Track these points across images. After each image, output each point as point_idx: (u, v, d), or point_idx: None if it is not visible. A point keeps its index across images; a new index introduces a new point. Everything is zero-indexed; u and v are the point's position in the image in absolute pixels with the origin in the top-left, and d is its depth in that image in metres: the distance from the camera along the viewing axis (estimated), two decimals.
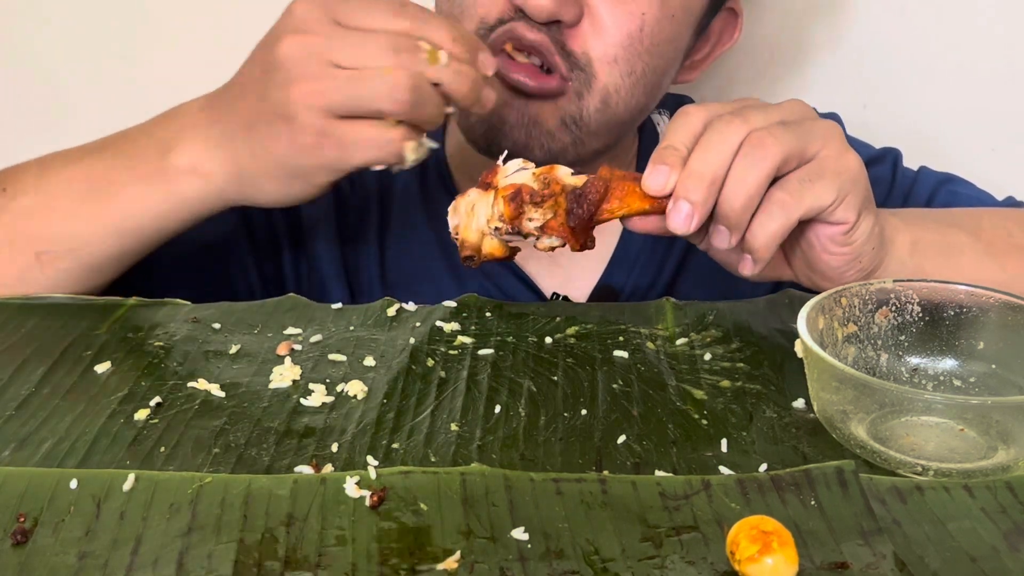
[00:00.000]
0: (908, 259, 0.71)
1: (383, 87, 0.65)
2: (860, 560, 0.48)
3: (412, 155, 0.67)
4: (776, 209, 0.63)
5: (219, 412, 0.62)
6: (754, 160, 0.62)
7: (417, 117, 0.66)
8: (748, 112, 0.64)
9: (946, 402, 0.58)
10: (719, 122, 0.64)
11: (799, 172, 0.64)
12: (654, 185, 0.62)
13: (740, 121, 0.63)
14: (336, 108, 0.65)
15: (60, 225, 0.74)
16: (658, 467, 0.57)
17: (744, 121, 0.63)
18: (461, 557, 0.48)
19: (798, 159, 0.64)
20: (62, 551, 0.49)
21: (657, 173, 0.62)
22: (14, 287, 0.75)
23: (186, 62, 1.21)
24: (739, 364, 0.68)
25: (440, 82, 0.66)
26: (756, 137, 0.63)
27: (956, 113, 1.14)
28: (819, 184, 0.64)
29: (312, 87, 0.65)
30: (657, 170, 0.63)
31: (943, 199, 0.92)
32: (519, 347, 0.70)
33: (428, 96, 0.66)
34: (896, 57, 1.14)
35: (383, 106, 0.65)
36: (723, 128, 0.63)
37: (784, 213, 0.64)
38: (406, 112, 0.65)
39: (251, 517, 0.51)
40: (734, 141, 0.63)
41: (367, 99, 0.65)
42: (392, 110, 0.65)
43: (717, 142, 0.63)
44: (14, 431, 0.60)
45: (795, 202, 0.64)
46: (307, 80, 0.66)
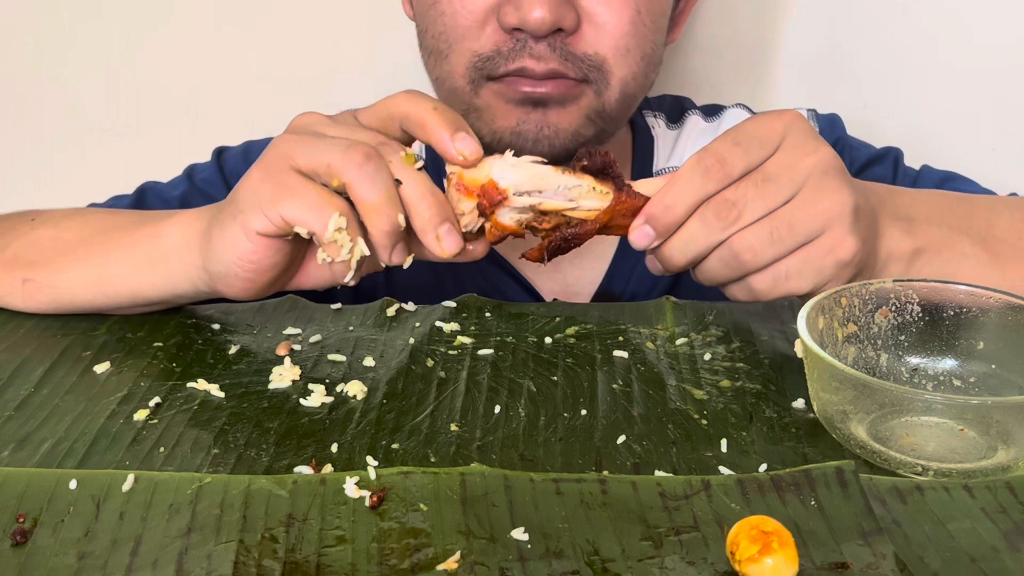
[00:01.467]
0: (903, 271, 0.70)
1: (341, 143, 0.62)
2: (860, 560, 0.48)
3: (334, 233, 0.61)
4: (746, 290, 0.66)
5: (219, 412, 0.62)
6: (726, 264, 0.65)
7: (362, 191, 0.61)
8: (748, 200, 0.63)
9: (946, 402, 0.58)
10: (712, 210, 0.63)
11: (778, 266, 0.64)
12: (638, 245, 0.65)
13: (734, 217, 0.63)
14: (294, 157, 0.63)
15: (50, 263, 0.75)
16: (658, 467, 0.57)
17: (736, 218, 0.63)
18: (461, 557, 0.48)
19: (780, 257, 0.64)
20: (62, 551, 0.49)
21: (643, 236, 0.65)
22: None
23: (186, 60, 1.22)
24: (739, 364, 0.68)
25: (401, 181, 0.62)
26: (737, 244, 0.64)
27: (956, 113, 1.14)
28: (795, 280, 0.65)
29: (289, 137, 0.65)
30: (643, 232, 0.64)
31: None
32: (519, 347, 0.70)
33: (382, 176, 0.61)
34: (896, 57, 1.14)
35: (333, 158, 0.61)
36: (712, 222, 0.64)
37: (751, 295, 0.66)
38: (352, 171, 0.61)
39: (251, 517, 0.51)
40: (717, 238, 0.64)
41: (325, 149, 0.62)
42: (339, 164, 0.61)
43: (701, 236, 0.64)
44: (14, 431, 0.60)
45: (766, 291, 0.66)
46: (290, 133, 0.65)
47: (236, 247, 0.65)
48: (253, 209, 0.63)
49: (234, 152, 0.98)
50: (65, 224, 0.78)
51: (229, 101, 1.22)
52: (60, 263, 0.74)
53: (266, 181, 0.63)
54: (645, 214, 0.64)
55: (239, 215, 0.64)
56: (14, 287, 0.75)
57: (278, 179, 0.63)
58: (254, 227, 0.64)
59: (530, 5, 0.76)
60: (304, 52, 1.20)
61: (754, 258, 0.64)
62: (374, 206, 0.61)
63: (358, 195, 0.61)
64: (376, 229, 0.62)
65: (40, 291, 0.74)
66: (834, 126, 0.97)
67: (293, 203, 0.62)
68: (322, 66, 1.20)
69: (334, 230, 0.61)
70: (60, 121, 1.24)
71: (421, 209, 0.61)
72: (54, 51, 1.22)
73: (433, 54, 0.84)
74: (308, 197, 0.62)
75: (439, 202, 0.62)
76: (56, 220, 0.78)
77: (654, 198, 0.64)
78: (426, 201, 0.61)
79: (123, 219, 0.77)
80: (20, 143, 1.26)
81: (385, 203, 0.61)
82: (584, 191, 0.63)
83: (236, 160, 0.97)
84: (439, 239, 0.62)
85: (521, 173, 0.62)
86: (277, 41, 1.20)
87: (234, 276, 0.66)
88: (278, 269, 0.67)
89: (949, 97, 1.14)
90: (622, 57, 0.80)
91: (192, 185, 0.96)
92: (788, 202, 0.64)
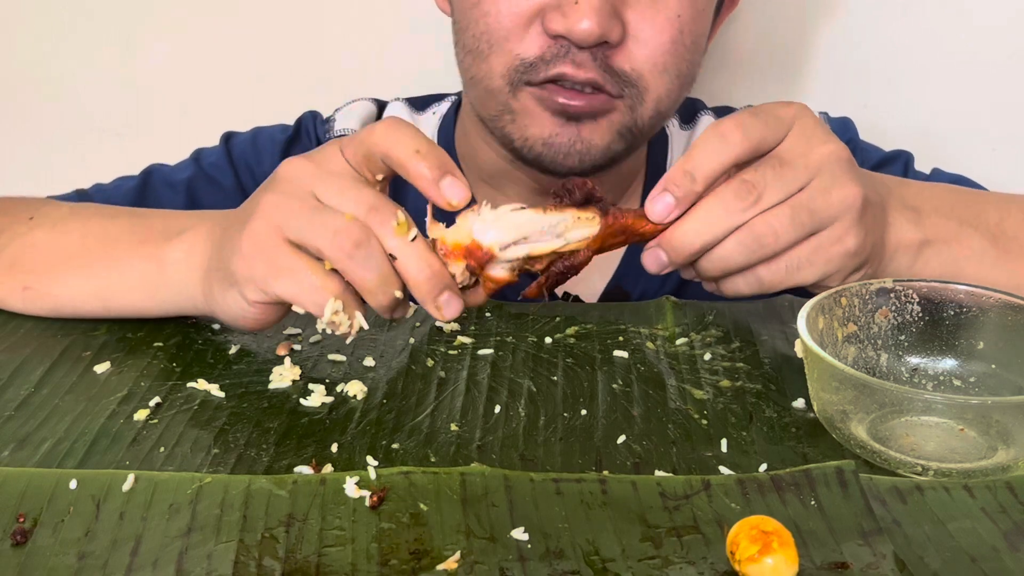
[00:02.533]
0: (907, 269, 0.70)
1: (331, 226, 0.60)
2: (860, 560, 0.48)
3: (332, 316, 0.61)
4: (754, 281, 0.65)
5: (219, 412, 0.62)
6: (746, 248, 0.63)
7: (356, 276, 0.60)
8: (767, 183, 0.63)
9: (946, 402, 0.58)
10: (730, 191, 0.63)
11: (791, 254, 0.64)
12: (656, 213, 0.63)
13: (753, 199, 0.63)
14: (285, 229, 0.62)
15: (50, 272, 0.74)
16: (658, 467, 0.57)
17: (756, 201, 0.63)
18: (461, 557, 0.48)
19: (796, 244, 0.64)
20: (62, 551, 0.49)
21: (662, 203, 0.63)
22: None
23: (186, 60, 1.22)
24: (739, 364, 0.68)
25: (395, 256, 0.60)
26: (759, 226, 0.63)
27: (956, 113, 1.14)
28: (806, 270, 0.65)
29: (279, 199, 0.63)
30: (663, 199, 0.63)
31: None
32: (519, 347, 0.70)
33: (374, 260, 0.60)
34: (896, 57, 1.14)
35: (323, 245, 0.60)
36: (731, 202, 0.63)
37: (760, 287, 0.65)
38: (342, 261, 0.60)
39: (251, 517, 0.51)
40: (736, 222, 0.63)
41: (313, 230, 0.61)
42: (330, 254, 0.60)
43: (718, 216, 0.63)
44: (14, 431, 0.60)
45: (776, 281, 0.65)
46: (280, 194, 0.63)
47: (237, 308, 0.65)
48: (247, 283, 0.63)
49: (243, 138, 0.97)
50: (63, 226, 0.77)
51: (229, 101, 1.21)
52: (60, 273, 0.74)
53: (259, 256, 0.62)
54: (664, 184, 0.63)
55: (236, 285, 0.64)
56: (14, 292, 0.74)
57: (271, 256, 0.62)
58: (251, 298, 0.64)
59: (578, 15, 0.75)
60: (304, 52, 1.20)
61: (775, 242, 0.63)
62: (369, 289, 0.61)
63: (353, 280, 0.61)
64: (375, 304, 0.62)
65: (41, 299, 0.74)
66: (846, 129, 0.97)
67: (288, 284, 0.62)
68: (322, 66, 1.20)
69: (332, 314, 0.61)
70: (60, 121, 1.24)
71: (419, 282, 0.60)
72: (54, 51, 1.22)
73: (471, 53, 0.82)
74: (302, 279, 0.61)
75: (436, 273, 0.60)
76: (54, 221, 0.78)
77: (673, 169, 0.63)
78: (423, 274, 0.60)
79: (124, 227, 0.76)
80: (20, 143, 1.25)
81: (380, 285, 0.61)
82: (569, 223, 0.61)
83: (245, 146, 0.96)
84: (439, 308, 0.61)
85: (501, 227, 0.60)
86: (277, 41, 1.20)
87: (239, 325, 0.67)
88: (281, 315, 0.67)
89: (949, 97, 1.14)
90: (659, 75, 0.80)
91: (199, 169, 0.95)
92: (803, 189, 0.64)
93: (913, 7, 1.12)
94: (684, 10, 0.79)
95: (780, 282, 0.65)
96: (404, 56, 1.17)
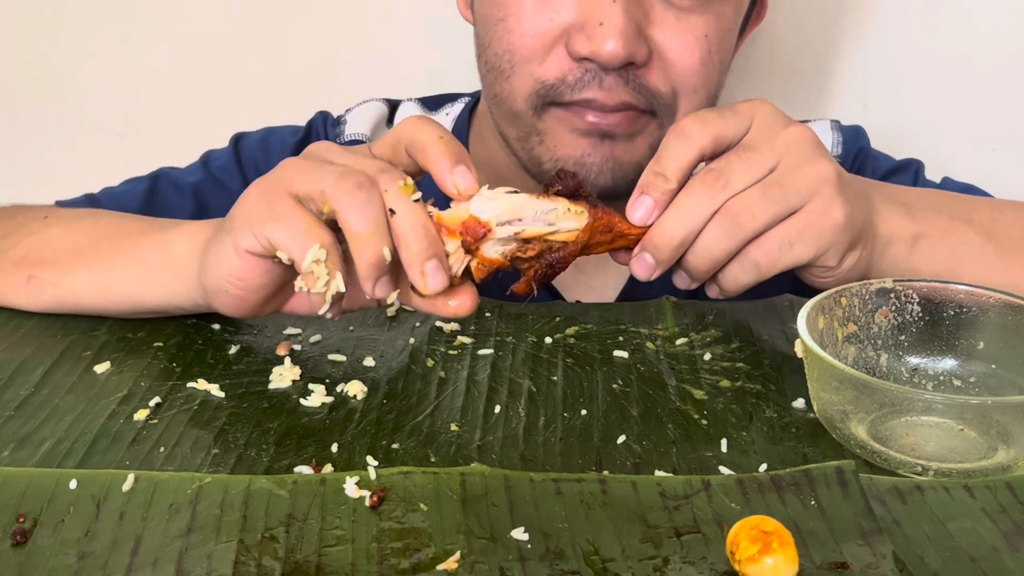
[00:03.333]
0: (904, 261, 0.70)
1: (338, 170, 0.61)
2: (860, 560, 0.48)
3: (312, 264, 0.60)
4: (751, 267, 0.65)
5: (219, 412, 0.62)
6: (726, 231, 0.64)
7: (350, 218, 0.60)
8: (733, 169, 0.64)
9: (946, 402, 0.58)
10: (699, 183, 0.64)
11: (778, 232, 0.64)
12: (637, 218, 0.64)
13: (722, 185, 0.63)
14: (294, 182, 0.62)
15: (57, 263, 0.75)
16: (658, 467, 0.57)
17: (725, 185, 0.63)
18: (461, 557, 0.48)
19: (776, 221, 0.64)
20: (62, 551, 0.49)
21: (641, 206, 0.64)
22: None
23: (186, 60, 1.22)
24: (739, 364, 0.68)
25: (394, 211, 0.60)
26: (734, 208, 0.63)
27: (956, 113, 1.14)
28: (798, 246, 0.65)
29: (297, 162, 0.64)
30: (642, 202, 0.64)
31: None
32: (519, 347, 0.70)
33: (373, 205, 0.60)
34: (896, 57, 1.14)
35: (326, 184, 0.60)
36: (701, 193, 0.64)
37: (758, 272, 0.65)
38: (341, 198, 0.60)
39: (251, 517, 0.51)
40: (709, 209, 0.64)
41: (319, 177, 0.61)
42: (331, 191, 0.60)
43: (692, 207, 0.64)
44: (14, 431, 0.60)
45: (771, 263, 0.65)
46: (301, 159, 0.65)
47: (227, 263, 0.65)
48: (243, 227, 0.63)
49: (253, 139, 0.97)
50: (77, 225, 0.77)
51: (229, 101, 1.21)
52: (68, 263, 0.74)
53: (261, 201, 0.63)
54: (640, 189, 0.64)
55: (232, 231, 0.64)
56: (19, 284, 0.74)
57: (272, 201, 0.62)
58: (242, 245, 0.63)
59: (603, 37, 0.74)
60: (304, 52, 1.20)
61: (752, 220, 0.64)
62: (360, 235, 0.60)
63: (345, 223, 0.60)
64: (360, 259, 0.60)
65: (44, 289, 0.74)
66: (858, 137, 0.97)
67: (279, 227, 0.61)
68: (323, 66, 1.20)
69: (312, 260, 0.60)
70: (60, 121, 1.24)
71: (410, 241, 0.60)
72: (54, 50, 1.22)
73: (494, 71, 0.81)
74: (294, 224, 0.61)
75: (430, 237, 0.60)
76: (68, 220, 0.78)
77: (644, 174, 0.64)
78: (416, 234, 0.60)
79: (134, 225, 0.77)
80: (20, 143, 1.26)
81: (372, 233, 0.59)
82: (560, 213, 0.62)
83: (254, 147, 0.96)
84: (424, 274, 0.60)
85: (499, 205, 0.61)
86: (277, 41, 1.20)
87: (224, 292, 0.66)
88: (267, 290, 0.66)
89: (949, 97, 1.14)
90: (690, 95, 0.79)
91: (208, 172, 0.95)
92: (773, 170, 0.64)
93: (913, 7, 1.12)
94: (711, 30, 0.79)
95: (776, 262, 0.65)
96: (417, 56, 1.17)
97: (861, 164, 0.95)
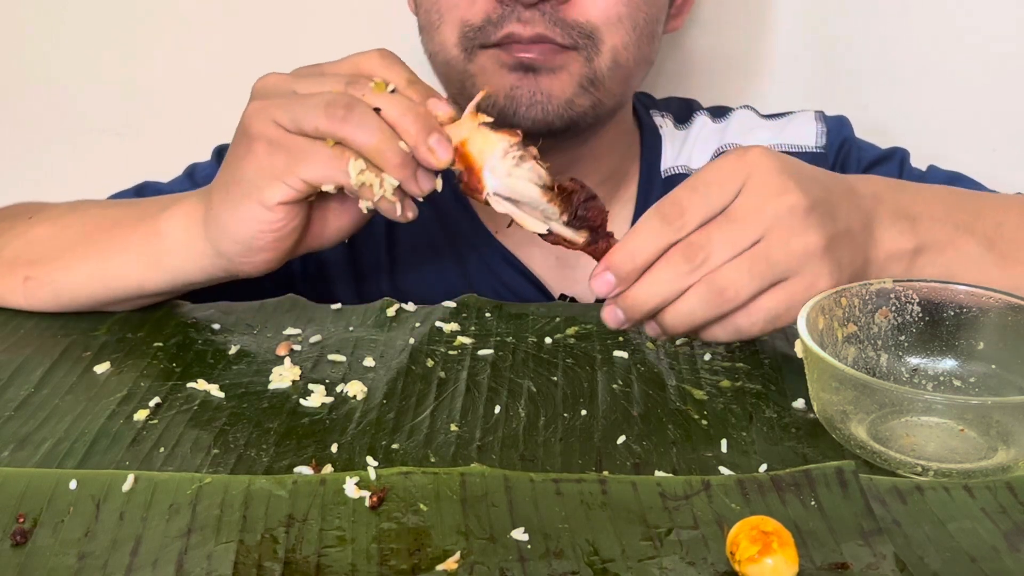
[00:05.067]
0: (905, 269, 0.69)
1: (321, 101, 0.63)
2: (860, 560, 0.48)
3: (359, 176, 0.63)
4: (733, 331, 0.64)
5: (218, 412, 0.62)
6: (709, 303, 0.62)
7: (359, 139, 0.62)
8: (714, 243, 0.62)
9: (946, 402, 0.58)
10: (678, 254, 0.62)
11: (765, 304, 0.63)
12: (598, 291, 0.64)
13: (702, 259, 0.62)
14: (281, 121, 0.64)
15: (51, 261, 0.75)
16: (658, 467, 0.57)
17: (705, 260, 0.62)
18: (461, 557, 0.48)
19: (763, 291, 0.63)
20: (62, 552, 0.49)
21: (603, 283, 0.63)
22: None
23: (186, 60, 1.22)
24: (739, 364, 0.68)
25: (380, 108, 0.63)
26: (718, 280, 0.62)
27: (956, 113, 1.14)
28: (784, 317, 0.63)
29: (262, 103, 0.66)
30: (604, 280, 0.63)
31: None
32: (519, 347, 0.70)
33: (370, 118, 0.62)
34: (897, 57, 1.14)
35: (319, 121, 0.63)
36: (680, 265, 0.62)
37: (739, 335, 0.64)
38: (342, 128, 0.62)
39: (251, 518, 0.51)
40: (687, 282, 0.62)
41: (305, 112, 0.63)
42: (327, 126, 0.63)
43: (669, 279, 0.62)
44: (14, 431, 0.60)
45: (756, 330, 0.64)
46: (260, 99, 0.66)
47: (255, 222, 0.66)
48: (270, 182, 0.65)
49: None
50: (64, 220, 0.78)
51: (228, 101, 1.21)
52: (62, 260, 0.75)
53: (275, 152, 0.64)
54: (607, 261, 0.63)
55: (254, 191, 0.65)
56: (15, 286, 0.75)
57: (285, 147, 0.64)
58: (275, 199, 0.65)
59: None
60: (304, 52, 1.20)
61: (736, 294, 0.62)
62: (376, 147, 0.62)
63: (357, 145, 0.63)
64: (389, 165, 0.63)
65: (41, 289, 0.74)
66: (842, 126, 0.97)
67: (310, 165, 0.64)
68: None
69: (357, 174, 0.63)
70: (60, 121, 1.24)
71: (406, 125, 0.62)
72: (54, 51, 1.22)
73: (426, 29, 0.86)
74: (319, 155, 0.63)
75: (421, 115, 0.62)
76: (54, 217, 0.79)
77: (616, 246, 0.63)
78: (408, 118, 0.62)
79: (121, 213, 0.77)
80: (20, 143, 1.25)
81: (384, 140, 0.62)
82: (558, 224, 0.63)
83: None
84: (432, 150, 0.62)
85: (508, 183, 0.62)
86: (277, 41, 1.20)
87: (256, 250, 0.68)
88: (297, 233, 0.68)
89: (949, 97, 1.14)
90: (613, 25, 0.82)
91: (193, 184, 0.95)
92: (758, 242, 0.62)
93: (912, 7, 1.12)
94: None
95: (760, 330, 0.64)
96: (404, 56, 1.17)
97: (846, 155, 0.94)
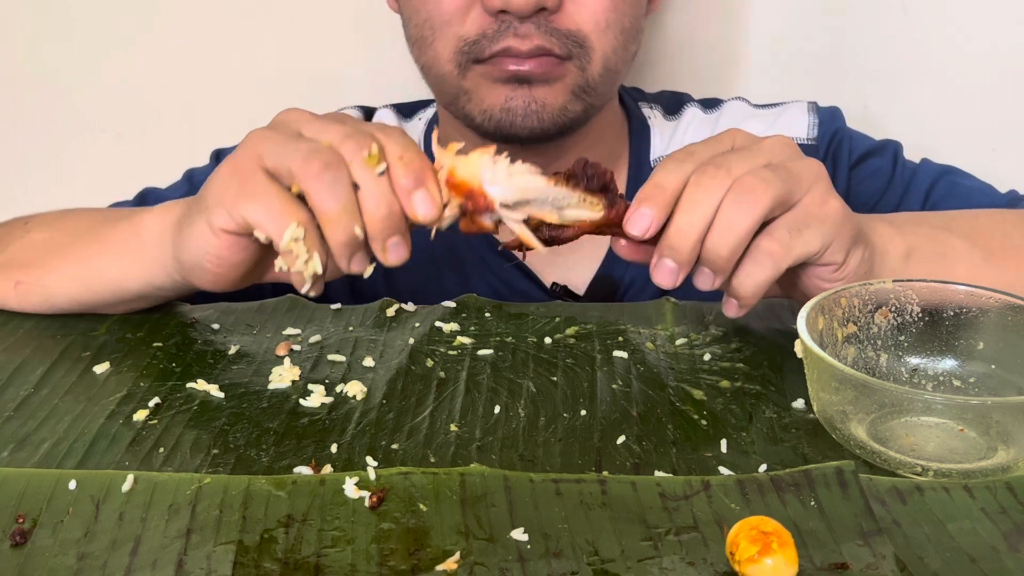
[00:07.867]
0: (901, 269, 0.70)
1: (305, 148, 0.61)
2: (860, 560, 0.48)
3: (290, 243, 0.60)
4: (764, 259, 0.63)
5: (218, 413, 0.62)
6: (742, 207, 0.62)
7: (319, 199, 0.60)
8: (731, 161, 0.63)
9: (946, 402, 0.58)
10: (702, 175, 0.62)
11: (786, 220, 0.63)
12: (636, 230, 0.62)
13: (724, 173, 0.62)
14: (264, 156, 0.63)
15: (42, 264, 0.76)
16: (658, 467, 0.57)
17: (728, 172, 0.62)
18: (461, 558, 0.48)
19: (783, 205, 0.63)
20: (61, 552, 0.49)
21: (640, 217, 0.62)
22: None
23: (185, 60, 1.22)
24: (739, 364, 0.68)
25: (359, 186, 0.61)
26: (744, 184, 0.62)
27: (956, 113, 1.14)
28: (807, 233, 0.63)
29: (266, 132, 0.65)
30: (640, 214, 0.62)
31: (943, 190, 0.91)
32: (518, 347, 0.70)
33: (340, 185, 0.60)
34: (896, 57, 1.14)
35: (294, 164, 0.61)
36: (707, 182, 0.62)
37: (773, 263, 0.63)
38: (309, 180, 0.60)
39: (250, 518, 0.51)
40: (718, 194, 0.62)
41: (288, 153, 0.62)
42: (299, 171, 0.60)
43: (702, 197, 0.62)
44: (13, 431, 0.60)
45: (784, 252, 0.63)
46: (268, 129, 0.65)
47: (203, 242, 0.65)
48: (218, 206, 0.63)
49: None
50: (58, 225, 0.79)
51: (228, 102, 1.22)
52: (50, 263, 0.75)
53: (233, 179, 0.63)
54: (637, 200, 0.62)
55: (206, 211, 0.64)
56: (7, 290, 0.76)
57: (245, 178, 0.63)
58: (218, 224, 0.63)
59: None
60: (303, 53, 1.20)
61: (767, 190, 0.61)
62: (329, 217, 0.60)
63: (314, 204, 0.60)
64: (332, 239, 0.61)
65: (32, 292, 0.75)
66: (834, 118, 0.97)
67: (255, 206, 0.62)
68: (321, 66, 1.20)
69: (290, 239, 0.60)
70: (60, 122, 1.24)
71: (374, 219, 0.61)
72: (54, 51, 1.22)
73: (417, 42, 0.86)
74: (269, 202, 0.61)
75: (393, 214, 0.61)
76: (49, 222, 0.80)
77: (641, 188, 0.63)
78: (380, 212, 0.60)
79: (112, 213, 0.78)
80: (20, 144, 1.26)
81: (341, 214, 0.60)
82: (573, 202, 0.61)
83: None
84: (385, 251, 0.61)
85: (512, 185, 0.61)
86: (277, 42, 1.20)
87: (203, 269, 0.66)
88: (245, 266, 0.66)
89: (949, 97, 1.14)
90: (602, 32, 0.83)
91: (192, 188, 0.96)
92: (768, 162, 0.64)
93: (913, 7, 1.12)
94: None
95: (788, 251, 0.63)
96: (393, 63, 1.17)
97: (838, 145, 0.95)
